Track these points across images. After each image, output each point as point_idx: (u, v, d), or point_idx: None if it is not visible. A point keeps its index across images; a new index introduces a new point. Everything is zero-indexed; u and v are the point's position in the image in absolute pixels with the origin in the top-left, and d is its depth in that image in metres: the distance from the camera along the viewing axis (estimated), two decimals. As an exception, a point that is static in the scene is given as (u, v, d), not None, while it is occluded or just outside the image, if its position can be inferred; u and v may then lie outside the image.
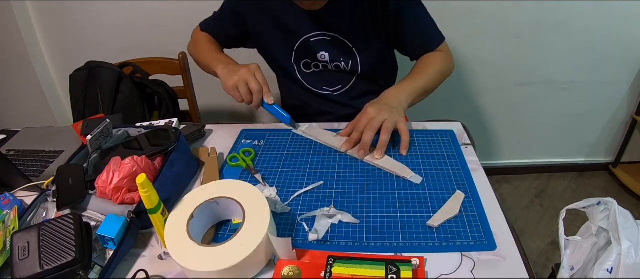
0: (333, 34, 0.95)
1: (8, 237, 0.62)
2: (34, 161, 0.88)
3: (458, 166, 0.77)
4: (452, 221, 0.64)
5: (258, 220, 0.59)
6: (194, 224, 0.61)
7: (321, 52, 0.98)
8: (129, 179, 0.67)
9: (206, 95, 1.53)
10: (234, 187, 0.65)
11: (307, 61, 1.01)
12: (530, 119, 1.82)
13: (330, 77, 1.03)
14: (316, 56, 0.99)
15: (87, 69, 1.23)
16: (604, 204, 0.64)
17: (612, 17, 1.51)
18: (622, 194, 1.86)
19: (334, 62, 0.99)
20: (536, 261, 1.55)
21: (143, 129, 0.84)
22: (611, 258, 0.57)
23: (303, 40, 0.97)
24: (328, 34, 0.95)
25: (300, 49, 0.99)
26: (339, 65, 1.00)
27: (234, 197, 0.63)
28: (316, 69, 1.02)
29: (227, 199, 0.64)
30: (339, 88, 1.05)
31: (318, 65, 1.01)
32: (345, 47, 0.97)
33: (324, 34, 0.95)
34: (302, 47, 0.98)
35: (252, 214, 0.60)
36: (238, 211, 0.62)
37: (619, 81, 1.70)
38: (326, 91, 1.05)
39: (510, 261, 0.57)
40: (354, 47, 0.97)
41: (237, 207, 0.62)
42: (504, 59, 1.63)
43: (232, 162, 0.83)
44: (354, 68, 1.00)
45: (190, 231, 0.59)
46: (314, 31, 0.95)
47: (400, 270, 0.55)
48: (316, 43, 0.97)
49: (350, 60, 0.99)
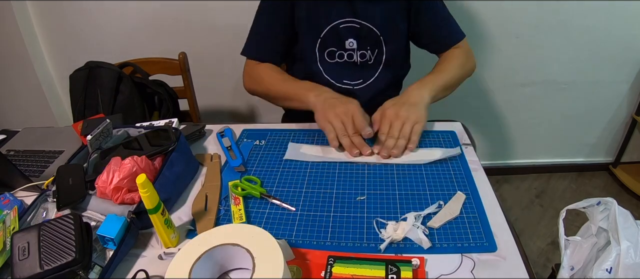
0: (362, 21, 0.95)
1: (8, 237, 0.62)
2: (34, 161, 0.88)
3: (459, 167, 0.77)
4: (452, 222, 0.64)
5: (270, 270, 0.51)
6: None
7: (349, 40, 0.97)
8: (129, 179, 0.67)
9: (206, 95, 1.53)
10: (236, 232, 0.56)
11: (333, 50, 0.99)
12: (530, 119, 1.82)
13: (353, 70, 1.02)
14: (344, 44, 0.98)
15: (87, 69, 1.23)
16: (603, 204, 0.64)
17: (612, 17, 1.51)
18: (622, 194, 1.86)
19: (361, 50, 0.99)
20: (536, 261, 1.55)
21: (143, 129, 0.84)
22: (610, 258, 0.57)
23: (332, 27, 0.96)
24: (357, 21, 0.95)
25: (328, 36, 0.97)
26: (365, 54, 0.99)
27: (239, 243, 0.55)
28: (340, 59, 1.00)
29: (231, 247, 0.55)
30: (360, 82, 1.03)
31: (343, 55, 1.00)
32: (374, 36, 0.97)
33: (353, 21, 0.95)
34: (330, 33, 0.97)
35: (264, 262, 0.52)
36: (246, 259, 0.54)
37: (619, 81, 1.70)
38: (347, 84, 1.03)
39: (510, 261, 0.57)
40: (382, 36, 0.97)
41: (244, 255, 0.54)
42: (504, 59, 1.63)
43: (238, 191, 0.73)
44: (378, 58, 1.00)
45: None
46: (344, 17, 0.95)
47: (400, 270, 0.55)
48: (345, 30, 0.96)
49: (376, 50, 0.99)
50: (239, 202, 0.70)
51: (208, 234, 0.57)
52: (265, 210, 0.70)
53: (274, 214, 0.68)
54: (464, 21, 1.55)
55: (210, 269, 0.56)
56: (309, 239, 0.63)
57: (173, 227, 0.63)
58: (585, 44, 1.58)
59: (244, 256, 0.54)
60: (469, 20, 1.52)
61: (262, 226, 0.65)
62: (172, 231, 0.63)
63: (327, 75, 1.02)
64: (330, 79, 1.02)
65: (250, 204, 0.71)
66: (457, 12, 0.92)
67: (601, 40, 1.57)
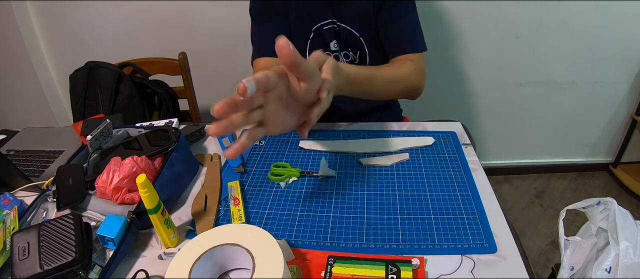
0: (339, 23, 0.95)
1: (8, 237, 0.62)
2: (34, 161, 0.88)
3: (459, 167, 0.77)
4: (452, 222, 0.64)
5: (270, 270, 0.50)
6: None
7: (333, 42, 0.98)
8: (129, 179, 0.67)
9: (206, 95, 1.53)
10: (236, 232, 0.56)
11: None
12: (530, 119, 1.82)
13: None
14: (329, 46, 0.98)
15: (87, 69, 1.23)
16: (603, 204, 0.64)
17: (612, 18, 1.51)
18: (622, 194, 1.86)
19: (343, 51, 0.99)
20: (536, 261, 1.55)
21: (143, 129, 0.84)
22: (609, 258, 0.57)
23: (316, 29, 0.96)
24: (336, 23, 0.95)
25: (315, 39, 0.98)
26: (348, 55, 0.99)
27: (239, 243, 0.54)
28: None
29: (231, 247, 0.54)
30: None
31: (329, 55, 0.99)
32: (353, 37, 0.96)
33: (332, 23, 0.95)
34: (316, 36, 0.97)
35: (264, 262, 0.51)
36: (246, 259, 0.53)
37: (619, 81, 1.70)
38: None
39: (510, 261, 0.57)
40: (361, 37, 0.96)
41: (244, 255, 0.53)
42: (504, 59, 1.63)
43: (278, 176, 0.76)
44: (363, 59, 1.00)
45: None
46: (325, 19, 0.95)
47: (400, 270, 0.55)
48: (327, 32, 0.96)
49: (358, 51, 0.98)
50: (239, 203, 0.70)
51: (208, 234, 0.57)
52: (265, 210, 0.70)
53: (273, 215, 0.68)
54: (464, 21, 1.56)
55: (210, 269, 0.56)
56: (309, 239, 0.63)
57: (173, 227, 0.63)
58: (585, 44, 1.58)
59: (244, 256, 0.53)
60: (469, 21, 1.53)
61: (262, 226, 0.65)
62: (172, 231, 0.63)
63: None
64: None
65: (249, 205, 0.71)
66: (457, 12, 0.92)
67: (601, 40, 1.57)
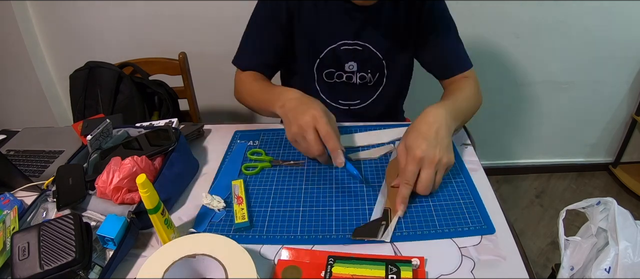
0: (365, 43, 0.92)
1: (8, 237, 0.62)
2: (34, 161, 0.88)
3: (458, 167, 0.76)
4: (451, 208, 0.66)
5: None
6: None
7: (350, 63, 0.94)
8: (129, 179, 0.67)
9: (206, 95, 1.53)
10: (210, 243, 0.55)
11: (331, 71, 0.96)
12: (530, 119, 1.82)
13: (350, 91, 0.99)
14: (343, 66, 0.95)
15: (87, 69, 1.23)
16: (603, 204, 0.64)
17: (612, 18, 1.52)
18: (622, 194, 1.86)
19: (361, 72, 0.96)
20: (536, 261, 1.55)
21: (143, 129, 0.84)
22: (608, 258, 0.57)
23: (332, 49, 0.93)
24: (360, 44, 0.92)
25: (327, 57, 0.94)
26: (365, 76, 0.97)
27: (213, 254, 0.53)
28: (339, 79, 0.97)
29: (204, 257, 0.53)
30: (357, 103, 1.01)
31: (342, 75, 0.97)
32: (376, 60, 0.94)
33: (356, 43, 0.92)
34: (330, 55, 0.94)
35: (235, 275, 0.51)
36: (219, 271, 0.52)
37: (619, 81, 1.70)
38: (342, 104, 1.01)
39: (510, 261, 0.57)
40: (384, 59, 0.95)
41: (216, 267, 0.52)
42: (504, 59, 1.63)
43: (252, 164, 0.79)
44: (379, 81, 0.98)
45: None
46: (346, 39, 0.91)
47: (400, 270, 0.55)
48: (346, 52, 0.93)
49: (378, 73, 0.97)
50: (242, 201, 0.70)
51: (177, 243, 0.56)
52: (267, 209, 0.70)
53: (276, 214, 0.68)
54: (464, 21, 1.55)
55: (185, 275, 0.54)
56: (309, 239, 0.63)
57: (173, 227, 0.63)
58: (585, 44, 1.58)
59: (216, 268, 0.52)
60: (469, 20, 1.52)
61: (265, 226, 0.66)
62: (172, 231, 0.63)
63: (323, 94, 1.01)
64: (326, 99, 1.01)
65: (252, 202, 0.71)
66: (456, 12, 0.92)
67: (601, 40, 1.57)
